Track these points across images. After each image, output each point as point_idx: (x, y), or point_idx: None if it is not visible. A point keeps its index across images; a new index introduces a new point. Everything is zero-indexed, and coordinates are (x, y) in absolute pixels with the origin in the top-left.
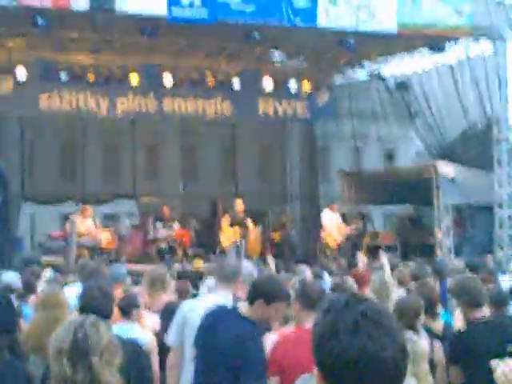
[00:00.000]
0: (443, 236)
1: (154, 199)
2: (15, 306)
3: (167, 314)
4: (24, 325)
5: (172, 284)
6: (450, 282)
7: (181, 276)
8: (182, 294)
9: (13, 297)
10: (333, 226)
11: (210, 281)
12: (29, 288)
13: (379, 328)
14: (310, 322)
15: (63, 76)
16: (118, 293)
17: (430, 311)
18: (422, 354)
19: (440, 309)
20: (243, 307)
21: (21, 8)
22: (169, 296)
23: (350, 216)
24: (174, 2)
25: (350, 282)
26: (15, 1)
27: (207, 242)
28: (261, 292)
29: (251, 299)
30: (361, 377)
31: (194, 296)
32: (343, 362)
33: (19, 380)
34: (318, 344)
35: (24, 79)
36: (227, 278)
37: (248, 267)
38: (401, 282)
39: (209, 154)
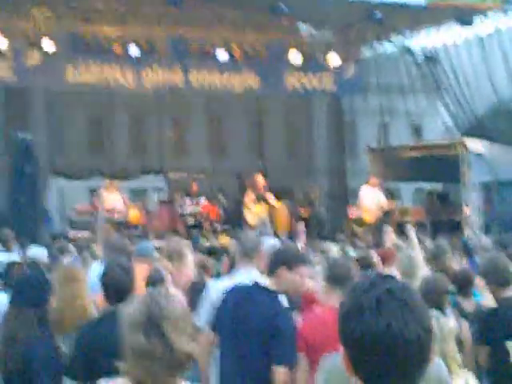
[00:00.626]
0: (472, 213)
1: (181, 174)
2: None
3: (193, 292)
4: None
5: (191, 258)
6: (477, 260)
7: (207, 251)
8: (206, 270)
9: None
10: (371, 201)
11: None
12: (55, 263)
13: (403, 306)
14: (337, 299)
15: (90, 48)
16: (145, 268)
17: (463, 290)
18: (449, 332)
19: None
20: (265, 281)
21: None
22: (189, 270)
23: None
24: None
25: (375, 257)
26: None
27: (235, 218)
28: (281, 258)
29: (273, 269)
30: (385, 356)
31: (218, 273)
32: (367, 340)
33: (49, 353)
34: (342, 323)
35: (51, 51)
36: (248, 252)
37: (273, 244)
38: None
39: (236, 128)
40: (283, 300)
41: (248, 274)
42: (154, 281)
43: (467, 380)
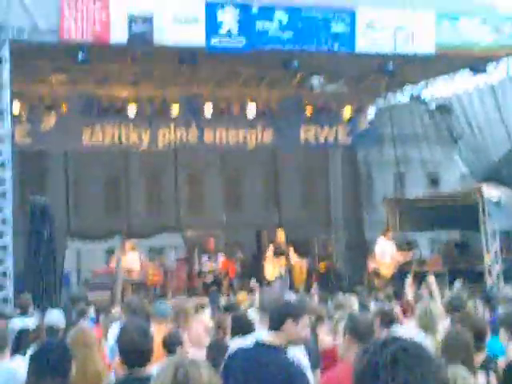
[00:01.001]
0: (492, 261)
1: (198, 231)
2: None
3: (212, 351)
4: None
5: (199, 317)
6: (501, 311)
7: (226, 309)
8: (223, 329)
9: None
10: (386, 254)
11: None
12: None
13: (419, 361)
14: None
15: (104, 109)
16: (162, 329)
17: (476, 344)
18: None
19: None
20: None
21: (62, 43)
22: (197, 329)
23: (396, 243)
24: (212, 32)
25: (396, 310)
26: (56, 36)
27: (253, 274)
28: (288, 311)
29: (279, 322)
30: None
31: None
32: None
33: None
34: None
35: (66, 114)
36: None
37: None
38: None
39: (251, 183)
40: (303, 358)
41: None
42: (172, 343)
43: None
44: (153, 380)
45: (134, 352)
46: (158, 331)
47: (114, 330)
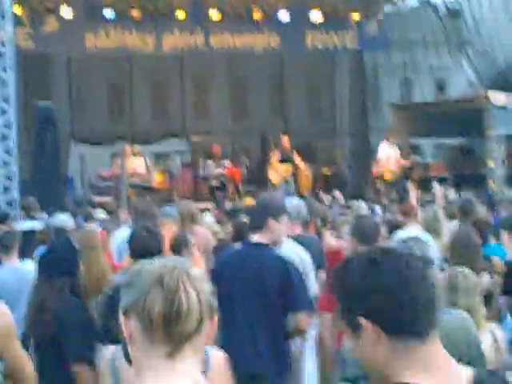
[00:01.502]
0: (496, 166)
1: (204, 137)
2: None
3: (220, 252)
4: None
5: (205, 220)
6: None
7: (232, 214)
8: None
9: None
10: (389, 158)
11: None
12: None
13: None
14: None
15: (108, 13)
16: (170, 232)
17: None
18: (474, 287)
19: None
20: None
21: None
22: (204, 230)
23: (400, 148)
24: None
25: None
26: None
27: (258, 179)
28: (268, 210)
29: (261, 222)
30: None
31: None
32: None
33: (81, 319)
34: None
35: (69, 17)
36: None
37: (296, 204)
38: (451, 216)
39: (257, 89)
40: (307, 259)
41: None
42: (179, 244)
43: (493, 331)
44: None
45: (145, 252)
46: (166, 234)
47: (120, 233)
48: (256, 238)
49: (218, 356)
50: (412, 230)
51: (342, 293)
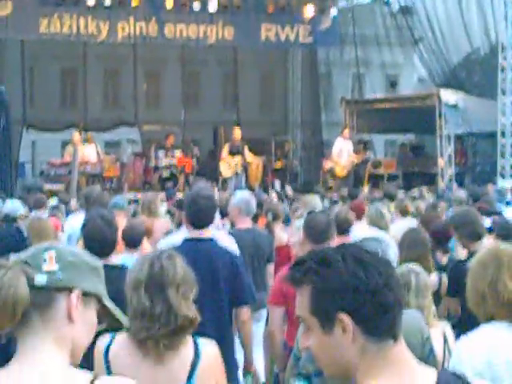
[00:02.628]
0: (446, 165)
1: (155, 127)
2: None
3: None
4: None
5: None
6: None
7: (179, 205)
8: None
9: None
10: (343, 154)
11: None
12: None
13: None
14: None
15: None
16: (120, 222)
17: (442, 246)
18: (426, 286)
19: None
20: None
21: None
22: (164, 222)
23: (352, 144)
24: None
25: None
26: None
27: (209, 171)
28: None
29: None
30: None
31: None
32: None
33: None
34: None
35: (23, 2)
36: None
37: (246, 198)
38: (403, 213)
39: (210, 80)
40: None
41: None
42: (131, 235)
43: (444, 329)
44: (129, 272)
45: (100, 241)
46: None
47: (70, 221)
48: (202, 231)
49: (209, 347)
50: (360, 227)
51: (320, 288)
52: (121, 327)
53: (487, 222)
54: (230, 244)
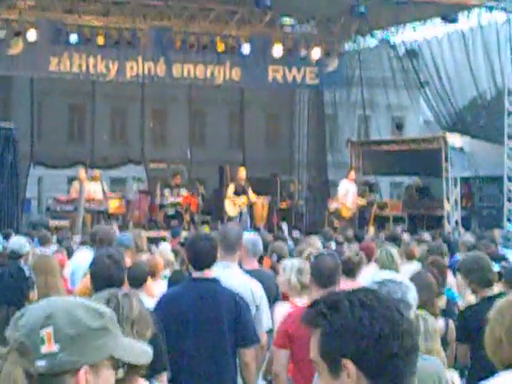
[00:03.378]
0: (452, 208)
1: (162, 165)
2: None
3: (176, 282)
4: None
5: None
6: (459, 257)
7: (183, 244)
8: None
9: (23, 263)
10: (348, 195)
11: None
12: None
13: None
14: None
15: (73, 38)
16: (126, 260)
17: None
18: (434, 331)
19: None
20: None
21: None
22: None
23: (358, 185)
24: None
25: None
26: None
27: (214, 209)
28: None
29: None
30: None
31: None
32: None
33: None
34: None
35: (34, 40)
36: (230, 246)
37: (254, 239)
38: (409, 256)
39: (217, 119)
40: (259, 289)
41: (227, 268)
42: (135, 274)
43: (452, 378)
44: None
45: (107, 280)
46: None
47: (75, 258)
48: (205, 272)
49: None
50: (370, 270)
51: (328, 332)
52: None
53: (495, 267)
54: (252, 284)
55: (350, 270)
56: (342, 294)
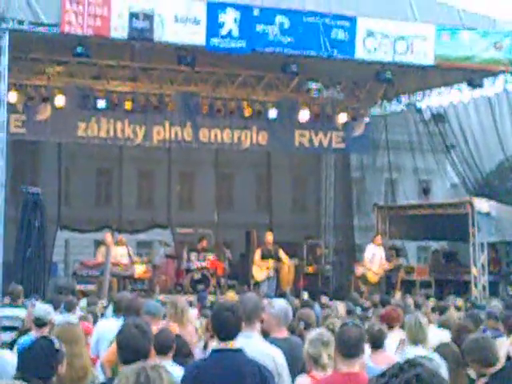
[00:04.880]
0: (479, 274)
1: (188, 229)
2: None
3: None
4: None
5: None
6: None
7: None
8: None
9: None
10: (375, 260)
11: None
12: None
13: None
14: (345, 367)
15: (101, 104)
16: (153, 328)
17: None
18: None
19: None
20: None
21: (61, 36)
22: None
23: (384, 250)
24: (213, 32)
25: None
26: (57, 29)
27: (241, 274)
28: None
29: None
30: None
31: None
32: None
33: None
34: None
35: (62, 106)
36: (249, 315)
37: (284, 307)
38: (446, 326)
39: (244, 183)
40: (280, 357)
41: (248, 338)
42: (162, 343)
43: None
44: (116, 382)
45: (134, 350)
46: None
47: (99, 326)
48: (230, 343)
49: None
50: (394, 336)
51: None
52: None
53: None
54: (273, 352)
55: (377, 341)
56: (396, 368)
